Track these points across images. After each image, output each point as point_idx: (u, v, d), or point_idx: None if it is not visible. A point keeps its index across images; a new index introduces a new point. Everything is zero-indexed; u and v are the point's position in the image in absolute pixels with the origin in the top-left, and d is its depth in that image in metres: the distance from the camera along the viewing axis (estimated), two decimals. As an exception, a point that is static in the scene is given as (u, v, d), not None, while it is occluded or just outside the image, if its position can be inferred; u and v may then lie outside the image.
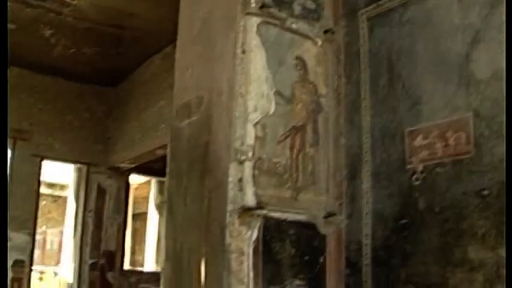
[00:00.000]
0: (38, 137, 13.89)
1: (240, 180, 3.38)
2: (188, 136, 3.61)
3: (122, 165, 14.14)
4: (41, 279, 19.23)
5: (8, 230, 13.31)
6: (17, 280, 13.47)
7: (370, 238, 3.66)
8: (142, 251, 23.05)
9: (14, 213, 13.48)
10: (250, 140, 3.44)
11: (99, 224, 14.34)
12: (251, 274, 3.30)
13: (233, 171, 3.38)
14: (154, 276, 14.48)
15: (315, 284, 3.62)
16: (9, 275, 13.38)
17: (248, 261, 3.33)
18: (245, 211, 3.34)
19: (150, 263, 19.36)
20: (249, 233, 3.37)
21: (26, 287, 13.63)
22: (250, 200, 3.38)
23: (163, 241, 9.53)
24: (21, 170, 13.65)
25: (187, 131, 3.63)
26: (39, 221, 15.30)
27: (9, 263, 13.38)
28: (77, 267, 14.37)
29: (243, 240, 3.31)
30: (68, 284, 16.16)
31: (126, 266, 17.67)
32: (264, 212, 3.40)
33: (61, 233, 22.76)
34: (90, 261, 14.23)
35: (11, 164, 13.78)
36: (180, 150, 3.66)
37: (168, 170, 3.76)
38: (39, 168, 13.95)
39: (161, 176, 15.79)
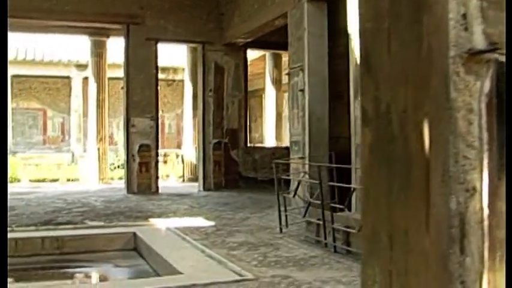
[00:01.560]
0: (150, 20, 13.21)
1: (464, 16, 2.46)
2: (387, -34, 2.72)
3: (237, 40, 13.21)
4: (165, 162, 19.37)
5: (131, 117, 13.12)
6: (144, 164, 13.32)
7: None
8: (258, 128, 22.82)
9: (134, 99, 13.21)
10: (472, -39, 2.52)
11: (219, 103, 13.90)
12: (484, 136, 2.42)
13: (454, 5, 2.44)
14: (277, 152, 14.08)
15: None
16: (137, 159, 13.33)
17: (480, 121, 2.45)
18: (472, 56, 2.43)
19: (270, 139, 19.06)
20: (479, 84, 2.49)
21: (153, 170, 13.53)
22: (478, 40, 2.47)
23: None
24: (137, 56, 13.13)
25: (385, -40, 2.73)
26: (156, 105, 15.03)
27: (136, 148, 13.31)
28: (200, 147, 14.06)
29: (472, 93, 2.44)
30: (193, 164, 16.14)
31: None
32: (495, 56, 2.50)
33: (177, 116, 22.75)
34: (214, 141, 13.91)
35: (126, 50, 13.31)
36: (376, -14, 2.77)
37: (359, 13, 2.85)
38: (155, 52, 13.33)
39: (278, 49, 15.03)
